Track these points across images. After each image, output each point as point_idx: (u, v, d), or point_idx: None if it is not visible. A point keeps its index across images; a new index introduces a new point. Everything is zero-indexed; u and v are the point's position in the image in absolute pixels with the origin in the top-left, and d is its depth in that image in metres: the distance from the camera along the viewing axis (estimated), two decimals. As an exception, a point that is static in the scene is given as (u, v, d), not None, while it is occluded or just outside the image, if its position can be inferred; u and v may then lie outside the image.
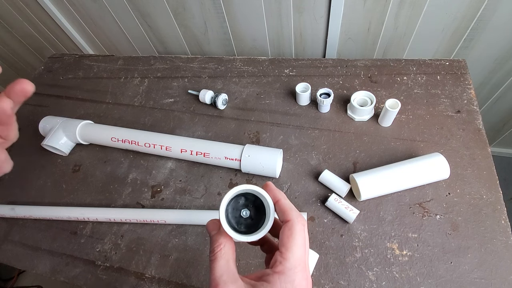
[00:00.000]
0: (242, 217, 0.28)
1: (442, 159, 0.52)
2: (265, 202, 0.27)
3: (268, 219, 0.27)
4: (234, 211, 0.28)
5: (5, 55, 1.38)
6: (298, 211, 0.27)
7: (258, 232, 0.26)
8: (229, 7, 0.82)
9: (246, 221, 0.28)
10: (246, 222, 0.28)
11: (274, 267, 0.24)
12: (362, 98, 0.64)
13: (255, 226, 0.27)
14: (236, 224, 0.27)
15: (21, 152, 0.73)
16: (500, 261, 0.47)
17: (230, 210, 0.28)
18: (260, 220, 0.27)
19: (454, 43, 0.78)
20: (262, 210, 0.28)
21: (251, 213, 0.28)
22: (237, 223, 0.27)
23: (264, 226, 0.26)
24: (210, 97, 0.71)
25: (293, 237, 0.25)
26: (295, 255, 0.24)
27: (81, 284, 0.54)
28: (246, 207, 0.28)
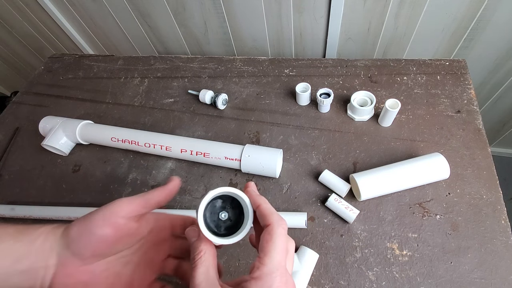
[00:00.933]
0: (221, 220, 0.27)
1: (442, 159, 0.52)
2: (242, 202, 0.27)
3: (247, 219, 0.26)
4: (212, 215, 0.27)
5: (5, 55, 1.38)
6: (279, 215, 0.26)
7: (238, 234, 0.26)
8: (229, 7, 0.82)
9: (226, 223, 0.27)
10: (225, 224, 0.27)
11: (252, 273, 0.24)
12: (362, 98, 0.64)
13: (235, 227, 0.27)
14: (216, 227, 0.27)
15: (21, 152, 0.73)
16: (500, 261, 0.47)
17: (208, 215, 0.27)
18: (240, 221, 0.27)
19: (454, 43, 0.78)
20: (241, 211, 0.28)
21: (229, 215, 0.28)
22: (216, 226, 0.27)
23: (243, 227, 0.26)
24: (210, 97, 0.71)
25: (273, 241, 0.25)
26: (274, 260, 0.24)
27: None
28: (224, 209, 0.28)
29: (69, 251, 0.27)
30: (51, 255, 0.27)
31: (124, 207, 0.27)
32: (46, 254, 0.27)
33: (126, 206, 0.28)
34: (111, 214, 0.27)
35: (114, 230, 0.27)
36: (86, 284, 0.28)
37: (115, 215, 0.27)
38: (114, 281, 0.29)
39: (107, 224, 0.27)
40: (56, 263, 0.27)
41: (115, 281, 0.29)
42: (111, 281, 0.29)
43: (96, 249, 0.27)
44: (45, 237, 0.27)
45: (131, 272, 0.30)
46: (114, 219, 0.27)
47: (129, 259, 0.30)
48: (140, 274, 0.30)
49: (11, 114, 0.82)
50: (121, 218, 0.27)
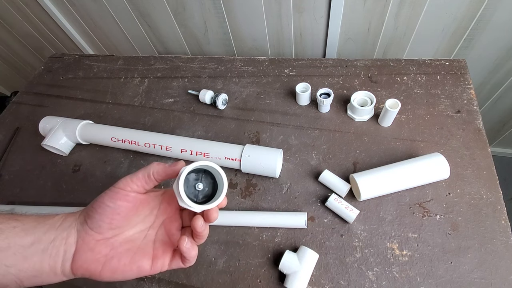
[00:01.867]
0: (198, 190, 0.30)
1: (442, 159, 0.52)
2: (216, 173, 0.30)
3: (222, 187, 0.29)
4: (190, 188, 0.30)
5: (5, 55, 1.38)
6: None
7: (217, 198, 0.29)
8: (229, 7, 0.82)
9: (203, 192, 0.30)
10: (203, 193, 0.30)
11: None
12: (362, 98, 0.64)
13: (212, 195, 0.30)
14: (195, 198, 0.30)
15: (21, 152, 0.73)
16: (500, 261, 0.47)
17: (186, 189, 0.29)
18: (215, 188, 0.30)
19: (454, 43, 0.78)
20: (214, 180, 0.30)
21: (204, 185, 0.30)
22: (195, 197, 0.30)
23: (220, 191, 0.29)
24: (210, 97, 0.71)
25: None
26: None
27: (81, 284, 0.54)
28: (198, 180, 0.30)
29: (87, 226, 0.29)
30: (71, 233, 0.29)
31: (129, 183, 0.30)
32: (66, 231, 0.29)
33: (131, 182, 0.30)
34: (119, 190, 0.30)
35: (126, 202, 0.30)
36: (107, 257, 0.29)
37: (123, 190, 0.30)
38: (134, 253, 0.30)
39: (118, 198, 0.30)
40: (76, 240, 0.29)
41: (136, 254, 0.30)
42: (132, 254, 0.30)
43: (112, 221, 0.29)
44: (64, 219, 0.30)
45: (150, 244, 0.32)
46: (123, 193, 0.30)
47: (146, 233, 0.32)
48: (159, 246, 0.32)
49: (11, 114, 0.82)
50: (129, 191, 0.30)
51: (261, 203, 0.57)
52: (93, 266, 0.29)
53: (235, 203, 0.58)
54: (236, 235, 0.54)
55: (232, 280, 0.51)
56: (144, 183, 0.31)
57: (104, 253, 0.29)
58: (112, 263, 0.29)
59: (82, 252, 0.28)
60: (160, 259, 0.31)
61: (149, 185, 0.31)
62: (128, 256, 0.30)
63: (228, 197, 0.59)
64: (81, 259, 0.28)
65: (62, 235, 0.28)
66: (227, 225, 0.55)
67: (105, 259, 0.29)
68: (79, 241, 0.29)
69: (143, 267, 0.30)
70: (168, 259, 0.31)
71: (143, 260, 0.30)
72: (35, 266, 0.27)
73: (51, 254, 0.27)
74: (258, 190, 0.59)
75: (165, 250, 0.31)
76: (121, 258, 0.30)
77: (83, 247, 0.29)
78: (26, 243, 0.27)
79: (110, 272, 0.29)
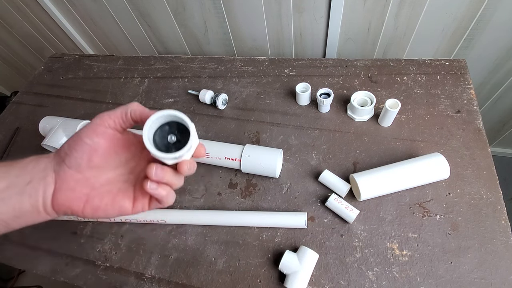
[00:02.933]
0: (170, 143, 0.29)
1: (442, 159, 0.52)
2: (186, 124, 0.28)
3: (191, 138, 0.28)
4: (162, 139, 0.29)
5: (5, 55, 1.38)
6: None
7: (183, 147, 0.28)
8: (229, 7, 0.82)
9: (176, 145, 0.29)
10: (175, 146, 0.29)
11: None
12: (362, 98, 0.64)
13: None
14: (167, 150, 0.29)
15: (21, 152, 0.73)
16: (500, 261, 0.47)
17: (158, 140, 0.29)
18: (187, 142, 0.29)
19: (454, 43, 0.78)
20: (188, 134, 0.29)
21: (177, 137, 0.30)
22: (167, 149, 0.29)
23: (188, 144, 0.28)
24: (210, 97, 0.71)
25: None
26: None
27: (81, 284, 0.54)
28: (171, 133, 0.30)
29: (65, 165, 0.29)
30: (48, 173, 0.29)
31: (106, 118, 0.29)
32: (42, 173, 0.28)
33: (108, 118, 0.30)
34: (96, 126, 0.29)
35: (104, 139, 0.29)
36: (89, 196, 0.29)
37: (100, 126, 0.29)
38: (116, 194, 0.30)
39: (96, 134, 0.29)
40: (54, 179, 0.29)
41: (117, 195, 0.30)
42: (113, 195, 0.30)
43: (90, 159, 0.29)
44: (36, 161, 0.29)
45: (131, 188, 0.31)
46: (101, 129, 0.29)
47: (127, 177, 0.32)
48: (139, 188, 0.31)
49: (11, 114, 0.82)
50: (107, 128, 0.29)
51: (261, 203, 0.57)
52: (75, 204, 0.29)
53: (235, 203, 0.58)
54: (236, 235, 0.54)
55: (232, 280, 0.51)
56: (121, 120, 0.30)
57: (85, 192, 0.29)
58: (94, 202, 0.30)
59: (62, 191, 0.29)
60: (141, 200, 0.31)
61: (125, 124, 0.31)
62: (110, 196, 0.30)
63: (228, 197, 0.59)
64: (62, 198, 0.29)
65: (38, 176, 0.28)
66: (227, 225, 0.55)
67: (86, 198, 0.29)
68: (58, 180, 0.29)
69: (124, 207, 0.30)
70: (147, 200, 0.31)
71: (124, 201, 0.30)
72: (15, 207, 0.27)
73: (30, 194, 0.28)
74: (258, 190, 0.59)
75: (144, 192, 0.31)
76: (103, 198, 0.30)
77: (63, 186, 0.29)
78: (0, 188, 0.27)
79: (92, 210, 0.30)
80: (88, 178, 0.30)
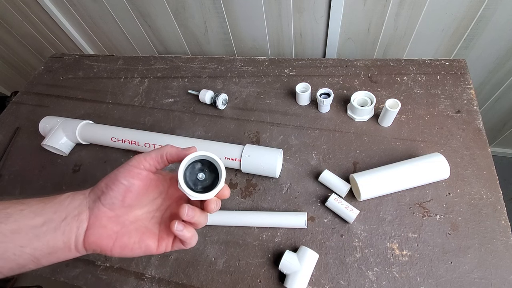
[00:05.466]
0: (199, 180, 0.31)
1: (442, 159, 0.52)
2: (217, 166, 0.31)
3: (220, 180, 0.30)
4: (192, 175, 0.31)
5: (5, 55, 1.38)
6: None
7: (210, 191, 0.30)
8: (229, 7, 0.82)
9: (203, 183, 0.31)
10: (202, 184, 0.31)
11: None
12: (362, 98, 0.64)
13: (210, 187, 0.31)
14: (194, 185, 0.31)
15: (21, 152, 0.73)
16: (500, 261, 0.47)
17: (188, 174, 0.31)
18: (215, 183, 0.31)
19: (454, 43, 0.78)
20: (217, 175, 0.31)
21: (206, 176, 0.31)
22: (194, 184, 0.31)
23: (216, 186, 0.30)
24: (210, 97, 0.71)
25: None
26: None
27: (81, 284, 0.54)
28: (202, 171, 0.31)
29: (100, 203, 0.30)
30: (83, 210, 0.30)
31: (142, 161, 0.31)
32: (77, 209, 0.29)
33: (144, 160, 0.31)
34: (132, 168, 0.31)
35: (139, 180, 0.31)
36: (118, 234, 0.30)
37: (136, 168, 0.31)
38: (143, 233, 0.32)
39: (132, 176, 0.30)
40: (89, 216, 0.29)
41: (144, 233, 0.32)
42: (140, 234, 0.31)
43: (125, 199, 0.30)
44: (72, 197, 0.30)
45: (157, 226, 0.33)
46: (137, 171, 0.31)
47: (153, 215, 0.34)
48: (164, 228, 0.33)
49: (11, 114, 0.82)
50: (142, 170, 0.31)
51: (261, 203, 0.57)
52: (105, 242, 0.30)
53: (235, 203, 0.58)
54: (236, 235, 0.54)
55: (232, 280, 0.51)
56: (156, 162, 0.32)
57: (115, 230, 0.30)
58: (123, 240, 0.30)
59: (94, 228, 0.29)
60: (165, 240, 0.32)
61: (160, 165, 0.32)
62: (137, 235, 0.31)
63: (228, 197, 0.59)
64: (94, 235, 0.29)
65: (73, 213, 0.29)
66: (227, 225, 0.55)
67: (116, 236, 0.30)
68: (92, 217, 0.29)
69: (150, 246, 0.31)
70: (171, 240, 0.32)
71: (150, 240, 0.32)
72: (49, 243, 0.28)
73: (64, 231, 0.28)
74: (258, 190, 0.59)
75: (169, 232, 0.32)
76: (131, 236, 0.31)
77: (96, 224, 0.29)
78: (36, 224, 0.28)
79: (120, 249, 0.30)
80: (119, 216, 0.31)
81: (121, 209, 0.31)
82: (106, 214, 0.30)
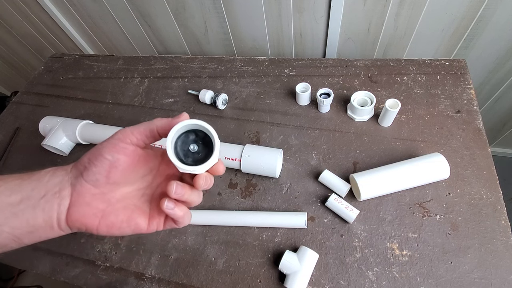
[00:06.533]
0: (190, 151, 0.29)
1: (442, 159, 0.52)
2: (212, 137, 0.28)
3: (213, 153, 0.28)
4: (184, 145, 0.29)
5: (5, 55, 1.38)
6: None
7: (202, 165, 0.27)
8: (229, 7, 0.82)
9: (194, 155, 0.29)
10: (194, 156, 0.29)
11: None
12: (362, 98, 0.64)
13: (202, 161, 0.28)
14: (184, 157, 0.28)
15: (21, 152, 0.73)
16: (500, 261, 0.47)
17: (180, 144, 0.28)
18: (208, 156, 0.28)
19: (454, 43, 0.78)
20: (211, 148, 0.29)
21: (199, 149, 0.29)
22: (185, 156, 0.29)
23: (208, 159, 0.27)
24: (210, 97, 0.71)
25: None
26: None
27: (81, 284, 0.54)
28: (195, 142, 0.29)
29: (83, 179, 0.28)
30: (64, 186, 0.28)
31: (129, 135, 0.29)
32: (58, 186, 0.27)
33: (131, 134, 0.29)
34: (118, 142, 0.28)
35: (124, 156, 0.28)
36: (104, 212, 0.28)
37: (122, 142, 0.28)
38: (132, 211, 0.30)
39: (117, 150, 0.28)
40: (71, 192, 0.28)
41: (133, 212, 0.30)
42: (129, 212, 0.30)
43: (109, 175, 0.28)
44: (53, 173, 0.28)
45: (147, 204, 0.31)
46: (123, 145, 0.28)
47: (143, 192, 0.31)
48: (155, 206, 0.31)
49: (11, 114, 0.82)
50: (128, 144, 0.29)
51: (261, 203, 0.57)
52: (90, 220, 0.28)
53: (235, 203, 0.58)
54: (236, 235, 0.54)
55: (232, 280, 0.51)
56: (144, 137, 0.29)
57: (101, 208, 0.28)
58: (109, 219, 0.29)
59: (78, 205, 0.28)
60: (156, 219, 0.30)
61: (150, 139, 0.30)
62: (126, 213, 0.29)
63: (228, 197, 0.59)
64: (77, 213, 0.28)
65: (54, 190, 0.27)
66: (227, 225, 0.55)
67: (102, 214, 0.28)
68: (74, 194, 0.28)
69: (140, 224, 0.30)
70: (163, 219, 0.31)
71: (140, 218, 0.30)
72: (29, 222, 0.26)
73: (44, 209, 0.27)
74: (258, 190, 0.59)
75: (160, 211, 0.30)
76: (119, 214, 0.29)
77: (79, 201, 0.28)
78: (13, 201, 0.26)
79: (107, 227, 0.29)
80: (104, 194, 0.29)
81: (106, 186, 0.29)
82: (90, 191, 0.28)
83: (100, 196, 0.29)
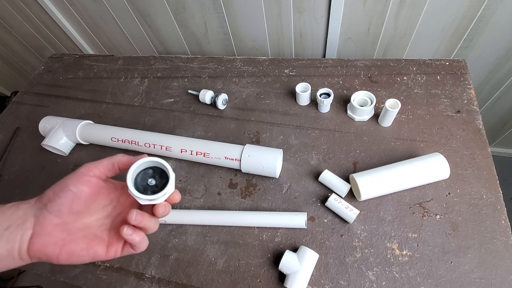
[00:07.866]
0: (149, 185, 0.32)
1: (442, 159, 0.52)
2: (167, 171, 0.32)
3: (168, 185, 0.31)
4: (143, 180, 0.32)
5: (5, 55, 1.38)
6: None
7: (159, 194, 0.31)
8: (229, 7, 0.82)
9: (153, 188, 0.32)
10: (152, 189, 0.32)
11: None
12: (362, 98, 0.64)
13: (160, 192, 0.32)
14: (144, 191, 0.32)
15: (21, 152, 0.73)
16: (500, 261, 0.47)
17: (139, 180, 0.32)
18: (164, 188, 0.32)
19: (454, 43, 0.78)
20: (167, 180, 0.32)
21: (156, 182, 0.32)
22: (144, 190, 0.32)
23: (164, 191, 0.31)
24: (210, 97, 0.71)
25: None
26: None
27: (81, 284, 0.54)
28: (153, 177, 0.32)
29: (46, 210, 0.30)
30: (27, 218, 0.29)
31: (92, 168, 0.32)
32: (21, 218, 0.29)
33: (94, 168, 0.32)
34: (82, 175, 0.31)
35: (88, 187, 0.31)
36: (65, 241, 0.30)
37: (86, 175, 0.31)
38: (91, 239, 0.32)
39: (81, 182, 0.31)
40: (34, 224, 0.29)
41: (92, 240, 0.32)
42: (88, 240, 0.31)
43: (73, 205, 0.30)
44: (16, 207, 0.30)
45: (106, 233, 0.33)
46: (86, 178, 0.31)
47: (103, 222, 0.34)
48: (113, 234, 0.33)
49: (11, 114, 0.82)
50: (92, 177, 0.32)
51: (261, 203, 0.57)
52: (50, 250, 0.29)
53: (235, 203, 0.58)
54: (236, 235, 0.54)
55: (232, 280, 0.51)
56: (106, 170, 0.32)
57: (61, 237, 0.30)
58: (70, 247, 0.30)
59: (39, 236, 0.29)
60: (114, 245, 0.32)
61: (111, 173, 0.33)
62: (85, 241, 0.31)
63: (228, 197, 0.59)
64: (38, 243, 0.29)
65: (17, 222, 0.29)
66: (227, 225, 0.55)
67: (63, 243, 0.30)
68: (37, 225, 0.29)
69: (98, 252, 0.31)
70: (121, 245, 0.33)
71: (98, 246, 0.31)
72: None
73: (8, 240, 0.28)
74: (258, 190, 0.59)
75: (119, 238, 0.32)
76: (79, 243, 0.31)
77: (41, 231, 0.29)
78: None
79: (67, 255, 0.30)
80: (67, 223, 0.31)
81: (69, 216, 0.31)
82: (52, 221, 0.30)
83: (62, 226, 0.30)
